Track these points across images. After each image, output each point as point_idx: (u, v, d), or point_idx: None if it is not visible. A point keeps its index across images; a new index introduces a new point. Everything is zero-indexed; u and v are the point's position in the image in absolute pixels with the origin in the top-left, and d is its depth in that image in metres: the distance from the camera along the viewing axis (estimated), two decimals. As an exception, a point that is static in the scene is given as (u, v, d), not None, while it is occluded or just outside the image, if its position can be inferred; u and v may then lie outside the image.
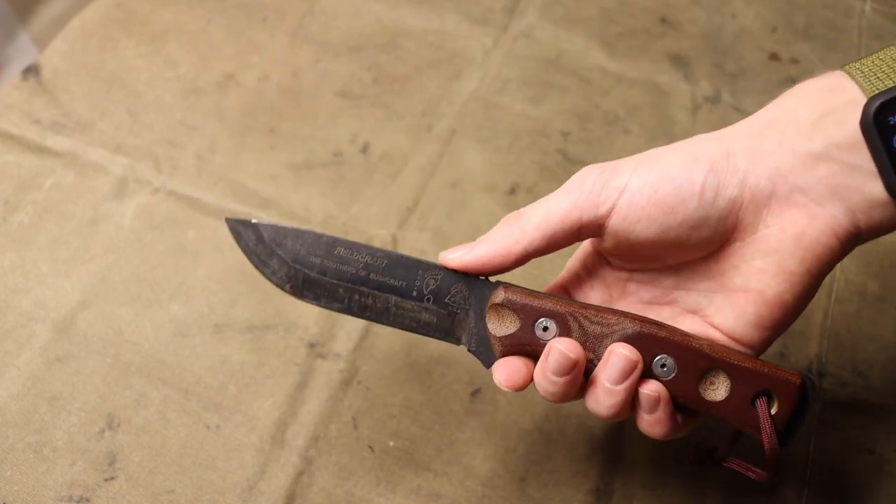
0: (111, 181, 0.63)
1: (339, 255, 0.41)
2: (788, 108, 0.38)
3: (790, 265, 0.37)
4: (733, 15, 0.78)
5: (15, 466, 0.50)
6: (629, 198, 0.38)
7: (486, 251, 0.40)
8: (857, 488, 0.52)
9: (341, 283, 0.41)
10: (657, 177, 0.37)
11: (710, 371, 0.38)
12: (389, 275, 0.41)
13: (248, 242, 0.42)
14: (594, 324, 0.39)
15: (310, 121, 0.68)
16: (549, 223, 0.39)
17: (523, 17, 0.76)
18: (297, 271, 0.41)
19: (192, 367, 0.55)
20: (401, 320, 0.41)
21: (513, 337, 0.40)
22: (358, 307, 0.41)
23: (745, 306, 0.39)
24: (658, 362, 0.38)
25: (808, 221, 0.37)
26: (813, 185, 0.36)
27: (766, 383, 0.38)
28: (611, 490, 0.51)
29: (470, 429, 0.53)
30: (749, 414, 0.38)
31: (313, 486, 0.51)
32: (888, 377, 0.56)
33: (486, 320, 0.40)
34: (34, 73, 0.69)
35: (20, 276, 0.58)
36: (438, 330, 0.41)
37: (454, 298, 0.41)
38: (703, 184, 0.37)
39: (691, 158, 0.37)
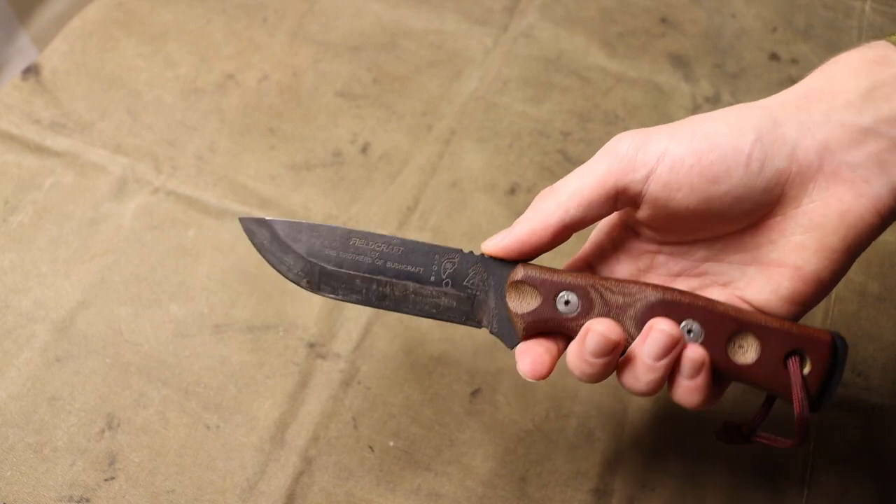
0: (111, 181, 0.63)
1: (354, 245, 0.41)
2: (835, 79, 0.36)
3: (831, 242, 0.36)
4: (733, 15, 0.78)
5: (15, 467, 0.50)
6: (670, 164, 0.36)
7: (524, 230, 0.39)
8: (858, 489, 0.52)
9: (358, 274, 0.41)
10: (701, 144, 0.36)
11: (738, 334, 0.37)
12: (406, 262, 0.41)
13: (263, 241, 0.42)
14: (616, 294, 0.38)
15: (310, 121, 0.68)
16: (584, 191, 0.38)
17: (523, 17, 0.76)
18: (313, 265, 0.41)
19: (192, 367, 0.55)
20: (420, 306, 0.41)
21: (535, 313, 0.39)
22: (376, 297, 0.41)
23: (780, 281, 0.38)
24: (685, 327, 0.37)
25: (854, 198, 0.36)
26: (860, 160, 0.35)
27: (796, 343, 0.37)
28: (611, 490, 0.51)
29: (470, 429, 0.53)
30: (781, 376, 0.37)
31: (313, 486, 0.51)
32: (888, 377, 0.56)
33: (506, 299, 0.40)
34: (34, 73, 0.69)
35: (20, 276, 0.58)
36: (459, 314, 0.40)
37: (473, 281, 0.40)
38: (749, 153, 0.35)
39: (737, 126, 0.36)
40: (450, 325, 0.57)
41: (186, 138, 0.66)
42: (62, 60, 0.70)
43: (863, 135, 0.35)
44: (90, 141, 0.65)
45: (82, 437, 0.51)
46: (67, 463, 0.50)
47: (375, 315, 0.57)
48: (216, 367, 0.55)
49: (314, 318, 0.57)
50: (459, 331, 0.57)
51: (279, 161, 0.65)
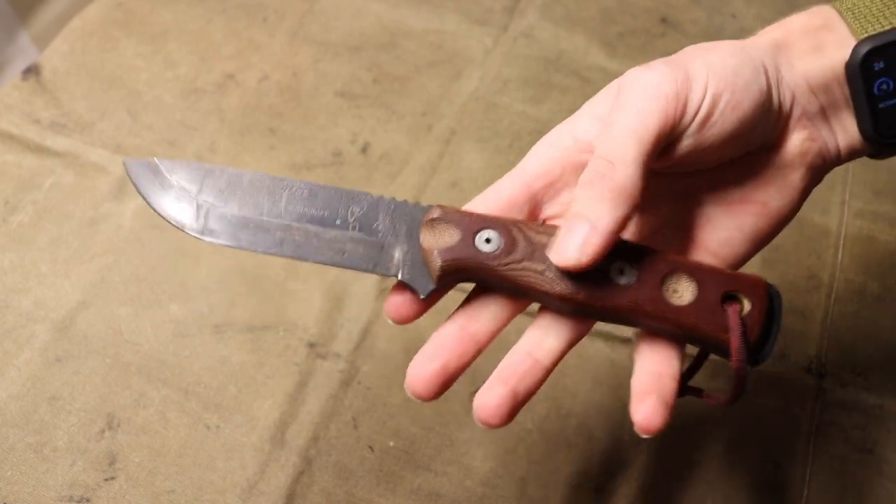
0: (111, 181, 0.63)
1: (250, 184, 0.37)
2: (791, 35, 0.38)
3: (794, 179, 0.38)
4: (733, 15, 0.78)
5: (15, 466, 0.50)
6: (710, 100, 0.35)
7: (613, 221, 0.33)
8: (857, 488, 0.52)
9: (252, 217, 0.37)
10: (733, 76, 0.35)
11: (671, 276, 0.35)
12: (309, 205, 0.37)
13: (144, 180, 0.38)
14: (540, 234, 0.35)
15: (310, 121, 0.68)
16: (647, 153, 0.33)
17: (523, 17, 0.76)
18: (199, 207, 0.37)
19: (192, 367, 0.55)
20: (322, 253, 0.36)
21: (453, 250, 0.35)
22: (273, 242, 0.36)
23: (744, 218, 0.38)
24: (616, 268, 0.35)
25: (811, 143, 0.38)
26: (815, 110, 0.38)
27: (732, 285, 0.35)
28: (611, 490, 0.51)
29: (470, 429, 0.53)
30: (719, 318, 0.35)
31: (313, 486, 0.51)
32: (888, 377, 0.56)
33: (420, 240, 0.36)
34: (34, 73, 0.69)
35: (20, 276, 0.58)
36: (366, 260, 0.36)
37: (382, 224, 0.37)
38: (767, 89, 0.36)
39: (750, 64, 0.36)
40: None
41: (186, 138, 0.66)
42: (62, 60, 0.70)
43: (816, 87, 0.37)
44: (90, 141, 0.65)
45: (82, 437, 0.51)
46: (67, 463, 0.50)
47: (375, 315, 0.57)
48: (216, 367, 0.55)
49: (314, 318, 0.57)
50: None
51: (279, 161, 0.65)
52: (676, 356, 0.36)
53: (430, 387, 0.35)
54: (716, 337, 0.35)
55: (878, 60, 0.36)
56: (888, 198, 0.64)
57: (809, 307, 0.59)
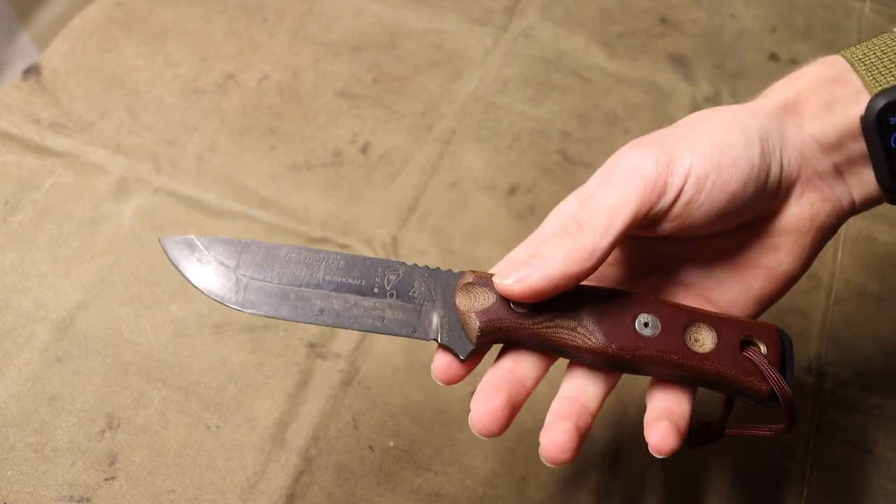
0: (111, 181, 0.63)
1: (287, 258, 0.38)
2: (803, 93, 0.38)
3: (804, 244, 0.38)
4: (733, 15, 0.78)
5: (15, 466, 0.50)
6: (694, 182, 0.35)
7: (558, 271, 0.35)
8: (857, 488, 0.52)
9: (292, 288, 0.38)
10: (721, 159, 0.36)
11: (692, 326, 0.37)
12: (346, 275, 0.38)
13: (183, 259, 0.39)
14: (569, 293, 0.37)
15: (310, 121, 0.68)
16: (617, 227, 0.35)
17: (523, 17, 0.76)
18: (238, 280, 0.38)
19: (192, 367, 0.55)
20: (362, 320, 0.38)
21: (489, 311, 0.37)
22: (314, 312, 0.38)
23: (751, 282, 0.39)
24: (640, 321, 0.37)
25: (822, 203, 0.38)
26: (827, 169, 0.38)
27: (748, 331, 0.38)
28: (611, 490, 0.51)
29: (470, 429, 0.53)
30: (740, 362, 0.37)
31: (313, 486, 0.51)
32: (888, 377, 0.56)
33: (456, 303, 0.38)
34: (34, 73, 0.69)
35: (20, 276, 0.58)
36: (405, 326, 0.38)
37: (419, 291, 0.38)
38: (759, 165, 0.36)
39: (745, 138, 0.36)
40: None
41: (186, 138, 0.66)
42: (62, 61, 0.70)
43: (828, 146, 0.37)
44: (90, 141, 0.65)
45: (82, 436, 0.51)
46: (68, 463, 0.50)
47: (375, 315, 0.57)
48: (216, 367, 0.55)
49: (314, 318, 0.57)
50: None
51: (279, 161, 0.65)
52: (688, 397, 0.38)
53: (497, 419, 0.37)
54: (739, 380, 0.37)
55: (893, 115, 0.35)
56: (888, 198, 0.64)
57: (809, 307, 0.59)
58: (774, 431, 0.38)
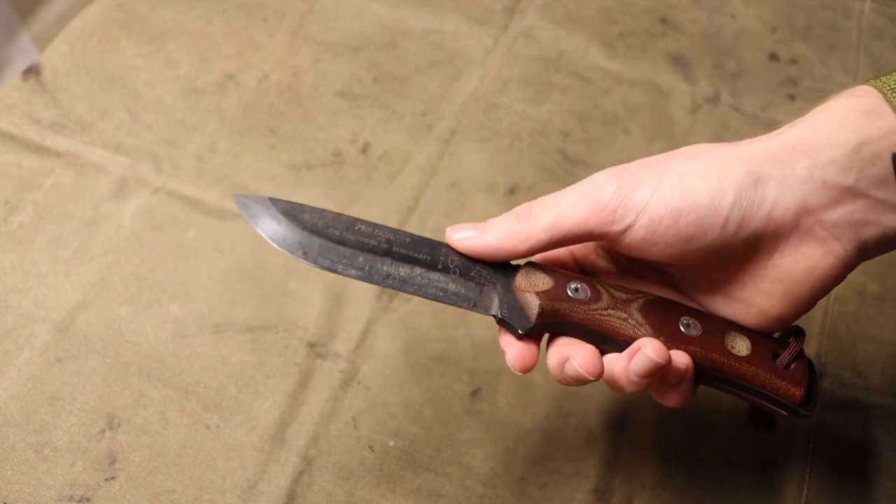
0: (111, 181, 0.63)
1: (359, 230, 0.41)
2: (821, 131, 0.35)
3: (798, 293, 0.37)
4: (733, 15, 0.78)
5: (15, 466, 0.50)
6: (647, 222, 0.36)
7: (492, 241, 0.39)
8: (857, 488, 0.52)
9: (362, 252, 0.40)
10: (680, 203, 0.35)
11: (729, 332, 0.40)
12: (413, 249, 0.41)
13: (258, 214, 0.41)
14: (618, 290, 0.40)
15: (310, 121, 0.68)
16: (560, 228, 0.38)
17: (523, 17, 0.76)
18: (311, 238, 0.40)
19: (192, 367, 0.55)
20: (426, 289, 0.40)
21: (549, 293, 0.39)
22: (379, 276, 0.40)
23: (745, 317, 0.40)
24: (683, 321, 0.39)
25: (823, 256, 0.36)
26: (836, 219, 0.35)
27: (777, 346, 0.40)
28: (611, 490, 0.51)
29: (470, 429, 0.53)
30: (773, 368, 0.39)
31: (313, 486, 0.51)
32: (888, 377, 0.56)
33: (515, 283, 0.40)
34: (35, 73, 0.69)
35: (20, 276, 0.58)
36: (466, 300, 0.40)
37: (480, 273, 0.41)
38: (727, 216, 0.35)
39: (718, 185, 0.35)
40: (450, 326, 0.57)
41: (186, 138, 0.66)
42: (63, 61, 0.70)
43: (843, 193, 0.35)
44: (90, 141, 0.65)
45: (83, 436, 0.52)
46: (68, 463, 0.50)
47: (375, 315, 0.57)
48: (216, 367, 0.55)
49: (314, 318, 0.57)
50: (459, 331, 0.57)
51: (279, 161, 0.65)
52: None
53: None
54: (775, 385, 0.39)
55: None
56: (888, 198, 0.64)
57: (809, 307, 0.59)
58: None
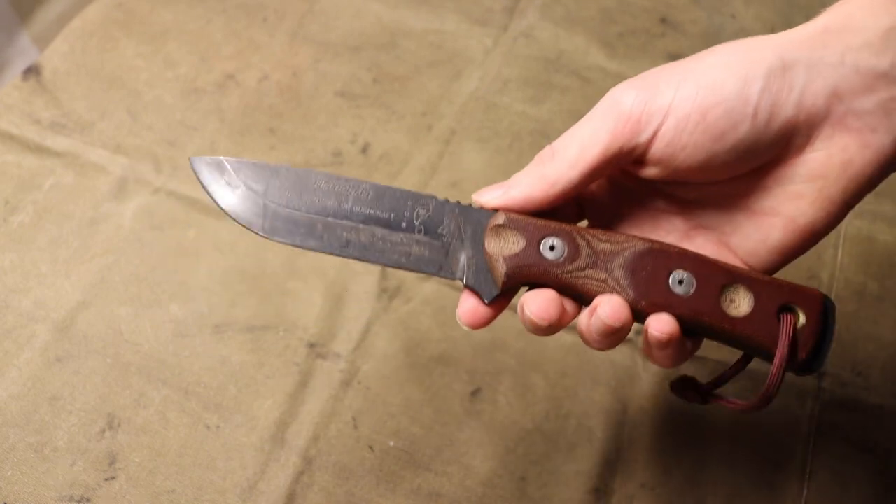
0: (111, 181, 0.63)
1: (318, 187, 0.38)
2: (853, 17, 0.33)
3: (831, 193, 0.34)
4: (733, 15, 0.78)
5: (15, 466, 0.50)
6: (674, 122, 0.34)
7: (522, 193, 0.36)
8: (857, 488, 0.52)
9: (320, 218, 0.37)
10: (706, 97, 0.33)
11: (729, 287, 0.36)
12: (375, 206, 0.37)
13: (212, 181, 0.39)
14: (603, 242, 0.36)
15: (310, 121, 0.68)
16: (588, 158, 0.35)
17: (523, 17, 0.76)
18: (266, 206, 0.37)
19: (192, 367, 0.55)
20: (388, 255, 0.37)
21: (518, 256, 0.36)
22: (339, 243, 0.37)
23: (770, 231, 0.36)
24: (675, 278, 0.36)
25: (859, 149, 0.33)
26: (869, 108, 0.33)
27: (789, 297, 0.36)
28: (611, 490, 0.51)
29: (470, 429, 0.53)
30: (775, 330, 0.35)
31: (313, 486, 0.51)
32: (888, 377, 0.56)
33: (484, 245, 0.37)
34: (35, 73, 0.69)
35: (20, 276, 0.58)
36: (431, 263, 0.37)
37: (448, 228, 0.37)
38: (756, 105, 0.33)
39: (743, 74, 0.33)
40: (450, 326, 0.57)
41: (186, 138, 0.66)
42: (63, 61, 0.70)
43: (876, 79, 0.33)
44: (90, 141, 0.65)
45: (83, 436, 0.52)
46: (68, 463, 0.50)
47: (375, 315, 0.57)
48: (216, 367, 0.55)
49: (314, 318, 0.57)
50: (459, 331, 0.57)
51: (279, 161, 0.65)
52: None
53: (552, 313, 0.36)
54: (771, 350, 0.35)
55: None
56: (888, 198, 0.64)
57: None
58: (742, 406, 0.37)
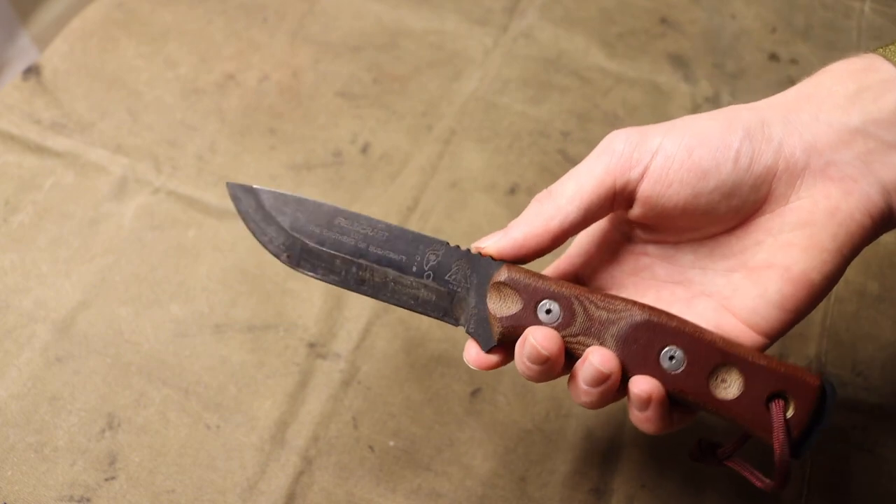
0: (111, 181, 0.63)
1: (339, 225, 0.40)
2: (822, 85, 0.37)
3: (821, 240, 0.36)
4: (733, 15, 0.78)
5: (16, 466, 0.50)
6: (662, 161, 0.37)
7: (521, 233, 0.38)
8: (857, 488, 0.52)
9: (339, 255, 0.40)
10: (692, 140, 0.36)
11: (722, 367, 0.36)
12: (389, 248, 0.39)
13: (248, 209, 0.41)
14: (600, 309, 0.37)
15: (310, 121, 0.68)
16: (583, 194, 0.37)
17: (523, 17, 0.76)
18: (294, 240, 0.40)
19: (192, 367, 0.55)
20: (398, 296, 0.39)
21: (513, 318, 0.38)
22: (355, 280, 0.39)
23: (767, 284, 0.36)
24: (666, 354, 0.36)
25: (843, 196, 0.35)
26: (848, 160, 0.36)
27: (782, 384, 0.35)
28: (611, 490, 0.51)
29: (470, 429, 0.53)
30: (762, 416, 0.35)
31: (313, 486, 0.51)
32: (888, 377, 0.56)
33: (487, 300, 0.38)
34: (35, 73, 0.69)
35: (20, 276, 0.58)
36: (437, 308, 0.39)
37: (455, 276, 0.39)
38: (738, 149, 0.36)
39: (726, 124, 0.37)
40: (450, 326, 0.57)
41: (186, 138, 0.66)
42: (63, 61, 0.70)
43: (850, 134, 0.36)
44: (90, 141, 0.65)
45: (83, 436, 0.52)
46: (68, 462, 0.50)
47: (375, 315, 0.57)
48: (216, 367, 0.55)
49: (314, 318, 0.57)
50: (459, 331, 0.57)
51: (279, 161, 0.65)
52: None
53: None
54: (757, 434, 0.36)
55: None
56: (888, 198, 0.64)
57: (809, 307, 0.59)
58: (765, 486, 0.38)
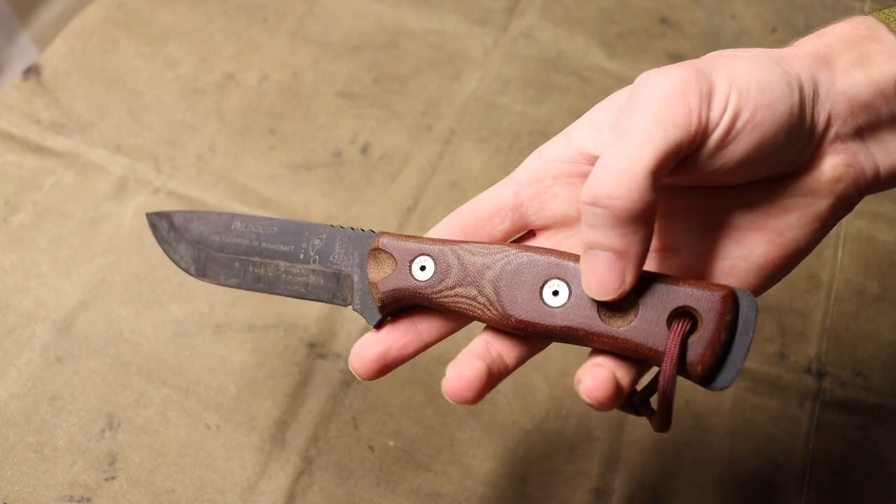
0: (111, 181, 0.63)
1: (235, 229, 0.41)
2: (832, 46, 0.35)
3: (819, 209, 0.35)
4: (733, 15, 0.78)
5: (16, 466, 0.50)
6: (731, 116, 0.32)
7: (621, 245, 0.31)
8: (857, 488, 0.52)
9: (237, 257, 0.40)
10: (758, 96, 0.32)
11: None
12: (280, 241, 0.40)
13: (162, 232, 0.42)
14: (475, 255, 0.35)
15: (310, 121, 0.68)
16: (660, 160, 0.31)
17: (523, 17, 0.76)
18: (199, 251, 0.41)
19: (192, 367, 0.55)
20: (290, 287, 0.39)
21: (389, 280, 0.36)
22: (252, 279, 0.40)
23: (753, 247, 0.35)
24: (550, 288, 0.33)
25: (845, 168, 0.35)
26: (852, 132, 0.35)
27: (683, 301, 0.31)
28: (611, 490, 0.51)
29: (470, 429, 0.53)
30: (664, 340, 0.31)
31: (313, 486, 0.51)
32: (888, 377, 0.56)
33: (367, 270, 0.37)
34: (35, 73, 0.69)
35: (20, 276, 0.58)
36: (326, 291, 0.38)
37: (338, 256, 0.38)
38: (797, 115, 0.33)
39: (786, 81, 0.33)
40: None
41: (186, 138, 0.66)
42: (63, 61, 0.70)
43: (860, 107, 0.34)
44: (91, 141, 0.65)
45: (83, 436, 0.52)
46: (68, 462, 0.50)
47: (375, 315, 0.57)
48: (216, 367, 0.55)
49: (314, 318, 0.57)
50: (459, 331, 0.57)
51: (279, 161, 0.65)
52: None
53: (369, 368, 0.36)
54: (661, 360, 0.31)
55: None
56: (888, 198, 0.64)
57: (809, 307, 0.59)
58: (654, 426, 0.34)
